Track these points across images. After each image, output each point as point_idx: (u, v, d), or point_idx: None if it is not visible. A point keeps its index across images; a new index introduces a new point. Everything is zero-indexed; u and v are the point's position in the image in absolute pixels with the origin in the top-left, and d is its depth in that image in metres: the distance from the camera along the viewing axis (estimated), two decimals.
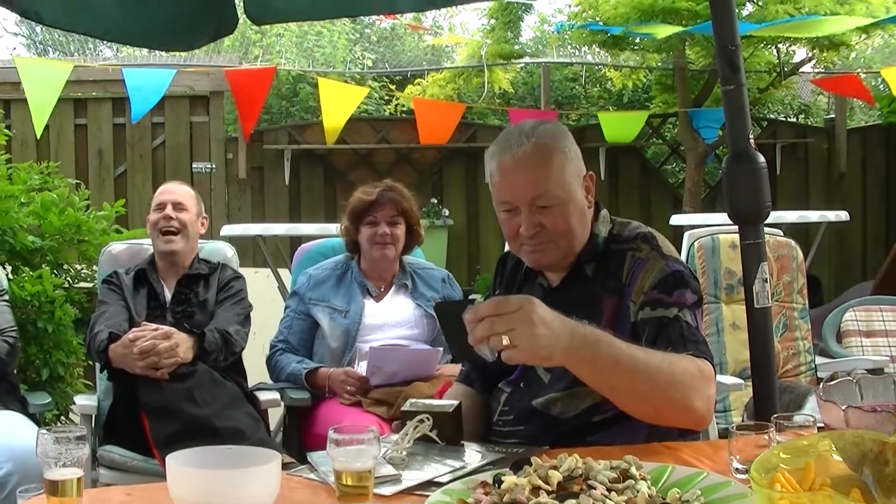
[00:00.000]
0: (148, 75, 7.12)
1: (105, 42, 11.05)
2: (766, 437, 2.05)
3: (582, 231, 2.66)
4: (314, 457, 2.29)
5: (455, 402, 2.50)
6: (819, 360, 5.32)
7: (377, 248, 4.48)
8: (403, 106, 10.83)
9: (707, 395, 2.38)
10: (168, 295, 4.54)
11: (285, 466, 3.64)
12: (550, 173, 2.57)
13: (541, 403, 2.62)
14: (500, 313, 2.12)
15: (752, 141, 3.14)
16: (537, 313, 2.13)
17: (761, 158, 3.08)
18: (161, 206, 4.58)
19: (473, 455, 2.27)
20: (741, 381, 4.41)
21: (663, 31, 8.23)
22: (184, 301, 4.51)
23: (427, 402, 2.53)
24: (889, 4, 9.01)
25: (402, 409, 2.48)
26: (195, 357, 4.16)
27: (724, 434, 2.10)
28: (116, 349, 4.13)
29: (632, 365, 2.28)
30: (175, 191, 4.67)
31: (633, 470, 1.90)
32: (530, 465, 1.92)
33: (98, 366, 4.49)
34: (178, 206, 4.58)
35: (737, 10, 8.90)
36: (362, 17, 14.47)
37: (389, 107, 11.41)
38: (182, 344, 4.11)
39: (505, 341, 2.11)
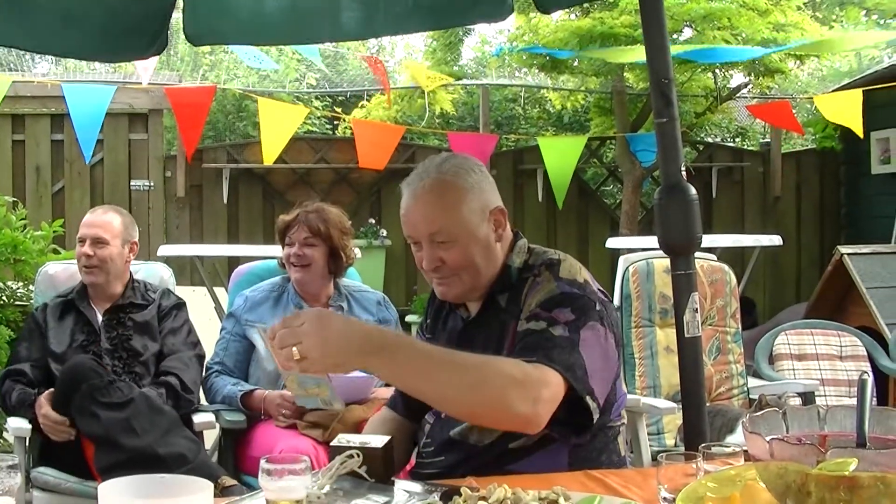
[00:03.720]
0: (88, 93, 7.05)
1: (43, 56, 10.96)
2: (694, 465, 2.07)
3: (488, 265, 2.67)
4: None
5: (386, 438, 2.43)
6: (752, 382, 5.38)
7: (293, 270, 4.52)
8: (350, 128, 10.82)
9: (533, 396, 2.29)
10: (100, 321, 4.50)
11: (228, 489, 3.66)
12: (446, 211, 2.60)
13: (458, 433, 2.63)
14: (287, 327, 2.17)
15: (683, 170, 3.18)
16: (323, 323, 2.17)
17: (692, 191, 3.12)
18: (82, 241, 4.50)
19: (401, 494, 2.23)
20: (674, 404, 4.44)
21: (613, 56, 8.27)
22: (117, 325, 4.48)
23: (358, 437, 2.47)
24: (823, 32, 9.16)
25: (332, 444, 2.44)
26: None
27: (657, 456, 2.11)
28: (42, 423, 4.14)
29: (436, 366, 2.27)
30: (99, 224, 4.53)
31: (562, 500, 1.93)
32: (460, 495, 1.94)
33: None
34: (97, 242, 4.48)
35: (677, 35, 8.80)
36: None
37: (339, 130, 11.38)
38: None
39: (295, 353, 2.14)
